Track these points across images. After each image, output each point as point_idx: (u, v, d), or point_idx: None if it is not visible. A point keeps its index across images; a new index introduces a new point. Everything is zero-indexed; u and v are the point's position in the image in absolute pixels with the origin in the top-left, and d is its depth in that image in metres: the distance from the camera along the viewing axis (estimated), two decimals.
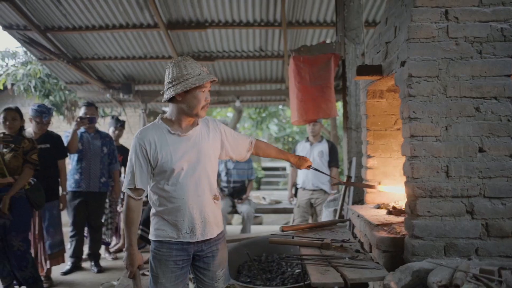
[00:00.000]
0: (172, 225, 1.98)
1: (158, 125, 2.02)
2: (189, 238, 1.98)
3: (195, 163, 1.98)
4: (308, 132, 5.07)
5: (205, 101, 1.95)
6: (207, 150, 2.03)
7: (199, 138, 2.03)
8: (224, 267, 2.16)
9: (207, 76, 1.92)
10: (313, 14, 5.07)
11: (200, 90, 1.93)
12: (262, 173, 13.19)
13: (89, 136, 4.40)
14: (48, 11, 5.12)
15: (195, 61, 1.96)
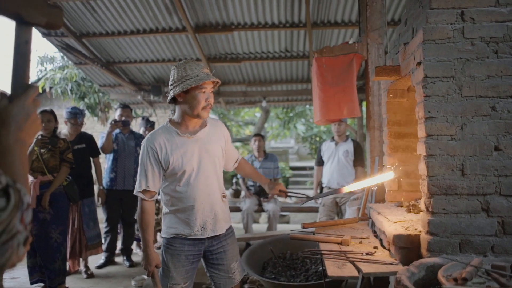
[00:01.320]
0: (184, 223, 2.09)
1: (167, 128, 2.10)
2: (200, 235, 2.09)
3: (204, 164, 2.08)
4: (333, 131, 5.10)
5: (205, 102, 2.01)
6: (215, 151, 2.13)
7: (208, 139, 2.12)
8: (237, 259, 2.25)
9: (205, 77, 1.98)
10: (337, 14, 5.09)
11: (199, 91, 1.99)
12: (289, 173, 13.24)
13: (124, 137, 4.63)
14: (83, 18, 5.40)
15: (197, 63, 2.04)
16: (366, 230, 2.58)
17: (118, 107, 4.90)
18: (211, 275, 2.22)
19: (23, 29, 0.87)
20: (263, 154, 5.78)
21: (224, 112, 11.47)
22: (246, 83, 7.35)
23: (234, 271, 2.22)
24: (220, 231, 2.16)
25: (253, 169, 2.51)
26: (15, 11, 0.83)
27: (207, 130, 2.13)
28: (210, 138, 2.13)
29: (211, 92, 2.06)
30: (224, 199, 2.19)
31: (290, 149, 17.77)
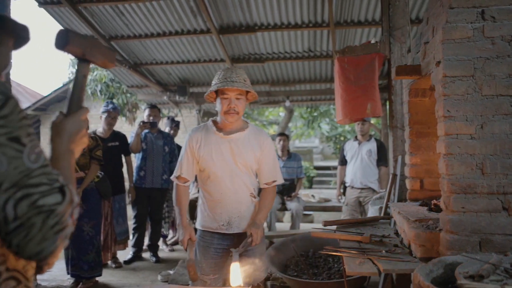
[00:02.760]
0: (211, 217, 2.22)
1: (208, 126, 2.25)
2: (225, 230, 2.20)
3: (234, 163, 2.18)
4: (357, 131, 5.10)
5: (227, 107, 2.12)
6: (248, 155, 2.20)
7: (242, 142, 2.20)
8: (263, 258, 2.33)
9: (223, 84, 2.11)
10: (361, 13, 5.08)
11: (222, 96, 2.14)
12: (314, 172, 13.21)
13: (152, 136, 4.78)
14: (112, 21, 5.59)
15: (235, 70, 2.16)
16: (387, 228, 2.59)
17: (146, 107, 5.06)
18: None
19: (84, 65, 1.04)
20: (287, 154, 5.82)
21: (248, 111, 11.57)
22: (270, 83, 7.41)
23: (259, 268, 2.31)
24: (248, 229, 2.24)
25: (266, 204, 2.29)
26: (82, 52, 0.99)
27: (243, 134, 2.22)
28: (246, 142, 2.21)
29: (238, 98, 2.14)
30: (253, 199, 2.27)
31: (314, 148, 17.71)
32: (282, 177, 2.35)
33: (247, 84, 2.17)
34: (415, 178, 2.66)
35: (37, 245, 0.78)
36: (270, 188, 2.31)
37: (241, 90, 2.13)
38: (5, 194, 0.75)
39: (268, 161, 2.28)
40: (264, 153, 2.26)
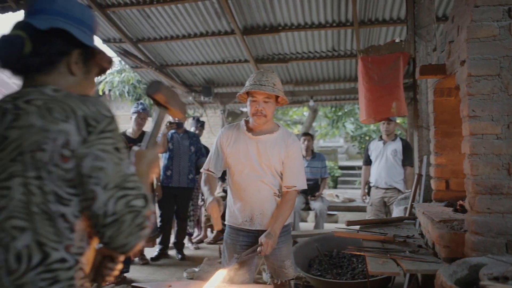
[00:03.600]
0: (236, 213, 2.28)
1: (240, 125, 2.33)
2: (248, 226, 2.26)
3: (259, 163, 2.23)
4: (382, 130, 5.04)
5: (255, 110, 2.18)
6: (274, 156, 2.23)
7: (269, 144, 2.24)
8: (290, 258, 2.36)
9: (248, 87, 2.18)
10: (385, 11, 5.02)
11: (250, 98, 2.21)
12: (338, 172, 13.10)
13: (179, 136, 4.89)
14: (139, 24, 5.74)
15: (258, 74, 2.21)
16: (411, 229, 2.57)
17: None
18: (267, 264, 2.37)
19: (164, 111, 1.27)
20: (311, 154, 5.82)
21: None
22: (294, 83, 7.42)
23: (288, 267, 2.34)
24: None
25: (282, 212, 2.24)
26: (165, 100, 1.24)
27: (272, 136, 2.26)
28: (273, 144, 2.25)
29: (266, 102, 2.18)
30: (277, 198, 2.30)
31: (339, 148, 17.54)
32: (304, 184, 2.31)
33: (277, 88, 2.19)
34: (440, 178, 2.62)
35: (125, 239, 0.92)
36: (289, 194, 2.26)
37: (270, 94, 2.17)
38: (109, 193, 0.91)
39: (292, 165, 2.26)
40: (289, 156, 2.26)
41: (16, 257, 0.84)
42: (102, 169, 0.91)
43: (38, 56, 1.00)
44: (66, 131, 0.90)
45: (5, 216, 0.85)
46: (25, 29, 1.00)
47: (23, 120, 0.91)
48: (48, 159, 0.89)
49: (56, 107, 0.93)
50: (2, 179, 0.88)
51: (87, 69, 1.11)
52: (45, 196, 0.88)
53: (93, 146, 0.92)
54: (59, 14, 1.04)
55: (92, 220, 0.92)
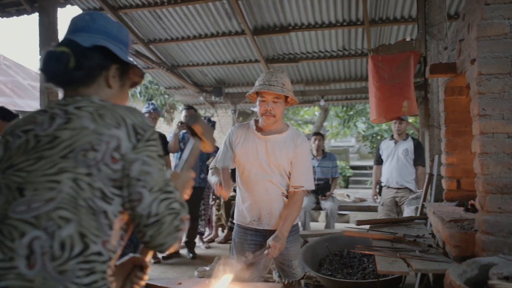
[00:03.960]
0: (243, 212, 2.29)
1: (250, 124, 2.33)
2: (256, 225, 2.26)
3: (267, 163, 2.22)
4: (394, 130, 5.01)
5: (264, 110, 2.17)
6: (282, 156, 2.23)
7: (278, 144, 2.24)
8: (298, 258, 2.37)
9: (257, 86, 2.17)
10: (396, 10, 4.99)
11: (259, 98, 2.20)
12: (350, 172, 13.03)
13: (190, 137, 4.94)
14: (150, 26, 5.80)
15: (267, 74, 2.21)
16: (422, 229, 2.56)
17: (183, 108, 5.22)
18: (276, 265, 2.38)
19: (198, 141, 1.46)
20: (322, 153, 5.81)
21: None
22: (304, 83, 7.41)
23: (295, 267, 2.35)
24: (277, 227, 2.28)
25: (290, 213, 2.22)
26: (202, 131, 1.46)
27: (281, 136, 2.26)
28: (282, 144, 2.25)
29: (275, 102, 2.18)
30: (285, 198, 2.30)
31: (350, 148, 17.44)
32: (312, 184, 2.30)
33: (286, 88, 2.17)
34: (451, 178, 2.60)
35: (163, 238, 1.02)
36: (296, 195, 2.25)
37: (279, 94, 2.16)
38: (154, 195, 1.01)
39: (300, 165, 2.26)
40: (298, 156, 2.25)
41: (60, 245, 0.90)
42: (149, 174, 1.01)
43: (81, 70, 1.10)
44: (118, 137, 1.00)
45: (54, 206, 0.92)
46: (70, 45, 1.10)
47: (75, 123, 1.00)
48: (100, 158, 0.98)
49: (107, 113, 1.03)
50: (52, 173, 0.95)
51: (122, 83, 1.21)
52: (92, 192, 0.96)
53: (141, 152, 1.02)
54: (99, 32, 1.15)
55: (136, 220, 1.01)
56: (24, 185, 0.94)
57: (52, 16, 4.15)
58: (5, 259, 0.86)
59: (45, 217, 0.90)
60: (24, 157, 0.98)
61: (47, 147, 0.98)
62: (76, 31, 1.15)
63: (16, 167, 0.98)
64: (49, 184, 0.94)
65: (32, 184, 0.94)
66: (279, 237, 2.12)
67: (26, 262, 0.86)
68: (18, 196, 0.93)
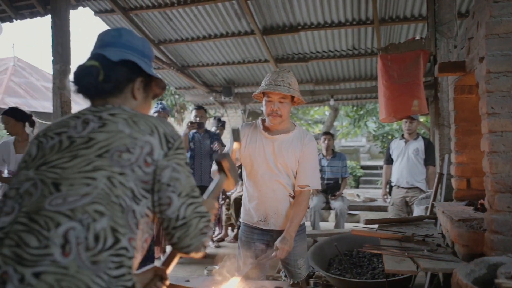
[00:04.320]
0: (250, 212, 2.29)
1: (257, 124, 2.32)
2: (262, 225, 2.26)
3: (274, 163, 2.21)
4: (404, 129, 4.98)
5: (270, 110, 2.15)
6: (289, 156, 2.22)
7: (285, 144, 2.22)
8: (304, 257, 2.37)
9: (267, 88, 2.14)
10: (406, 8, 4.96)
11: (266, 99, 2.18)
12: (360, 172, 12.96)
13: (200, 136, 4.97)
14: (161, 27, 5.86)
15: (273, 74, 2.19)
16: (431, 228, 2.54)
17: (193, 108, 5.26)
18: (282, 264, 2.38)
19: (224, 177, 1.57)
20: (331, 153, 5.80)
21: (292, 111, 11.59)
22: (314, 82, 7.40)
23: (300, 267, 2.35)
24: (284, 227, 2.28)
25: (297, 213, 2.21)
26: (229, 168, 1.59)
27: (288, 136, 2.25)
28: (289, 144, 2.24)
29: (281, 102, 2.16)
30: (292, 199, 2.30)
31: (361, 147, 17.34)
32: (318, 184, 2.30)
33: (292, 88, 2.15)
34: (461, 177, 2.58)
35: (190, 240, 1.10)
36: (303, 195, 2.24)
37: (285, 94, 2.14)
38: (182, 200, 1.10)
39: (307, 165, 2.25)
40: (304, 155, 2.24)
41: (94, 236, 0.94)
42: (178, 180, 1.10)
43: (109, 83, 1.18)
44: (151, 143, 1.09)
45: (89, 201, 0.97)
46: (99, 59, 1.18)
47: (111, 126, 1.08)
48: (134, 160, 1.05)
49: (141, 121, 1.11)
50: (88, 170, 1.01)
51: (146, 94, 1.30)
52: (124, 190, 1.02)
53: (172, 159, 1.11)
54: (125, 47, 1.22)
55: (165, 223, 1.10)
56: (60, 181, 1.00)
57: (64, 17, 4.21)
58: (40, 246, 0.90)
59: (81, 210, 0.95)
60: (58, 155, 1.04)
61: (82, 147, 1.05)
62: (104, 46, 1.22)
63: (50, 164, 1.03)
64: (85, 180, 1.00)
65: (68, 180, 0.99)
66: (287, 239, 2.12)
67: (61, 250, 0.90)
68: (54, 191, 0.98)
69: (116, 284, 0.94)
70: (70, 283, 0.88)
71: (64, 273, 0.88)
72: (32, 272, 0.87)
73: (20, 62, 18.34)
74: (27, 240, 0.91)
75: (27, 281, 0.86)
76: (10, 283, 0.85)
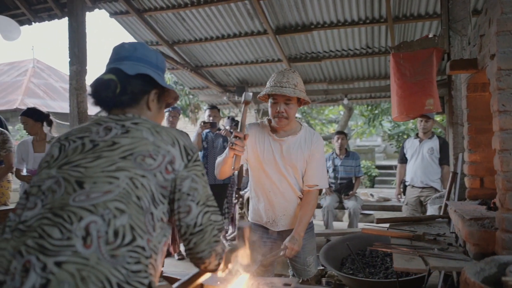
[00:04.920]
0: (259, 213, 2.28)
1: (264, 125, 2.29)
2: (270, 226, 2.26)
3: (283, 166, 2.20)
4: (419, 128, 4.94)
5: (276, 112, 2.11)
6: (298, 158, 2.21)
7: (293, 146, 2.21)
8: (313, 254, 2.37)
9: (272, 90, 2.09)
10: (421, 6, 4.91)
11: (271, 101, 2.15)
12: (376, 172, 12.85)
13: (212, 135, 5.02)
14: (174, 27, 5.92)
15: (278, 74, 2.15)
16: (443, 227, 2.52)
17: (206, 108, 5.32)
18: (290, 263, 2.38)
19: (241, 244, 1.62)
20: (345, 152, 5.78)
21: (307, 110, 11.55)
22: (327, 82, 7.37)
23: (309, 264, 2.35)
24: (292, 227, 2.29)
25: (306, 213, 2.22)
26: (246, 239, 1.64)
27: (295, 137, 2.23)
28: (297, 145, 2.22)
29: (287, 103, 2.13)
30: (300, 200, 2.32)
31: (376, 147, 17.19)
32: (326, 183, 2.29)
33: (298, 89, 2.12)
34: (474, 176, 2.55)
35: (205, 246, 1.19)
36: (311, 194, 2.24)
37: (290, 96, 2.11)
38: (200, 208, 1.17)
39: (314, 164, 2.24)
40: (312, 154, 2.23)
41: (114, 232, 0.98)
42: (197, 189, 1.18)
43: (126, 95, 1.25)
44: (173, 153, 1.16)
45: (111, 198, 1.02)
46: (116, 73, 1.25)
47: (135, 133, 1.15)
48: (156, 166, 1.11)
49: (163, 131, 1.19)
50: (111, 170, 1.06)
51: (160, 105, 1.37)
52: (145, 192, 1.07)
53: (191, 171, 1.18)
54: (140, 60, 1.29)
55: (182, 229, 1.18)
56: (83, 179, 1.04)
57: (80, 19, 4.30)
58: (63, 238, 0.94)
59: (103, 205, 1.00)
60: (81, 156, 1.10)
61: (106, 149, 1.10)
62: (120, 59, 1.28)
63: (74, 163, 1.09)
64: (108, 179, 1.05)
65: (91, 178, 1.04)
66: (296, 239, 2.12)
67: (82, 242, 0.94)
68: (77, 188, 1.03)
69: (134, 279, 0.97)
70: (90, 273, 0.91)
71: (85, 263, 0.92)
72: (54, 261, 0.91)
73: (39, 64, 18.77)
74: (50, 232, 0.95)
75: (49, 270, 0.90)
76: (33, 271, 0.89)
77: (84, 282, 0.89)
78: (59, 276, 0.89)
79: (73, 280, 0.89)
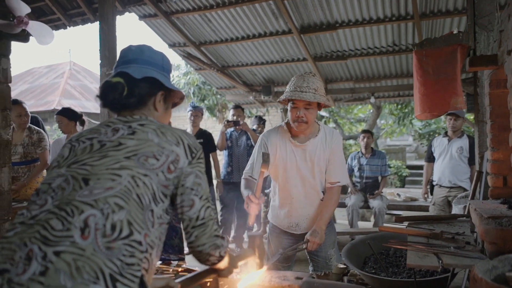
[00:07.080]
0: (281, 217, 2.31)
1: (283, 130, 2.29)
2: (294, 230, 2.29)
3: (306, 170, 2.23)
4: (448, 127, 4.84)
5: (296, 117, 2.13)
6: (320, 160, 2.24)
7: (314, 149, 2.23)
8: (334, 246, 2.40)
9: (291, 95, 2.09)
10: (448, 2, 4.79)
11: (291, 105, 2.15)
12: (406, 172, 12.57)
13: (237, 134, 5.12)
14: (201, 29, 6.05)
15: (298, 79, 2.15)
16: (464, 226, 2.48)
17: (231, 107, 5.42)
18: (311, 257, 2.42)
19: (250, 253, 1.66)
20: (371, 151, 5.73)
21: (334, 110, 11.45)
22: (353, 80, 7.30)
23: (331, 257, 2.39)
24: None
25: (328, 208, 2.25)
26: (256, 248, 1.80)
27: (316, 139, 2.25)
28: (319, 146, 2.24)
29: (307, 108, 2.14)
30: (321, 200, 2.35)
31: (407, 147, 16.80)
32: (347, 179, 2.33)
33: (318, 94, 2.12)
34: (497, 174, 2.49)
35: (206, 239, 1.25)
36: (333, 190, 2.27)
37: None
38: (202, 202, 1.24)
39: (335, 161, 2.26)
40: (333, 152, 2.26)
41: (111, 226, 1.04)
42: (200, 185, 1.25)
43: (133, 97, 1.31)
44: (177, 153, 1.22)
45: (112, 194, 1.08)
46: (123, 76, 1.31)
47: (141, 135, 1.21)
48: (158, 166, 1.17)
49: (168, 132, 1.25)
50: (115, 168, 1.13)
51: (166, 106, 1.43)
52: (146, 191, 1.13)
53: (195, 167, 1.26)
54: (146, 63, 1.34)
55: (185, 222, 1.24)
56: (89, 176, 1.11)
57: (111, 23, 4.48)
58: (63, 229, 1.00)
59: (103, 200, 1.06)
60: (89, 155, 1.17)
61: (112, 149, 1.17)
62: (127, 62, 1.34)
63: (81, 162, 1.16)
64: (111, 176, 1.11)
65: (96, 175, 1.11)
66: (318, 232, 2.16)
67: (80, 233, 1.00)
68: (84, 185, 1.09)
69: (127, 271, 1.02)
70: (84, 263, 0.96)
71: (81, 254, 0.97)
72: (53, 250, 0.96)
73: (75, 66, 19.55)
74: (53, 224, 1.01)
75: (49, 258, 0.95)
76: (35, 259, 0.95)
77: (78, 271, 0.94)
78: (57, 264, 0.94)
79: (68, 269, 0.94)
